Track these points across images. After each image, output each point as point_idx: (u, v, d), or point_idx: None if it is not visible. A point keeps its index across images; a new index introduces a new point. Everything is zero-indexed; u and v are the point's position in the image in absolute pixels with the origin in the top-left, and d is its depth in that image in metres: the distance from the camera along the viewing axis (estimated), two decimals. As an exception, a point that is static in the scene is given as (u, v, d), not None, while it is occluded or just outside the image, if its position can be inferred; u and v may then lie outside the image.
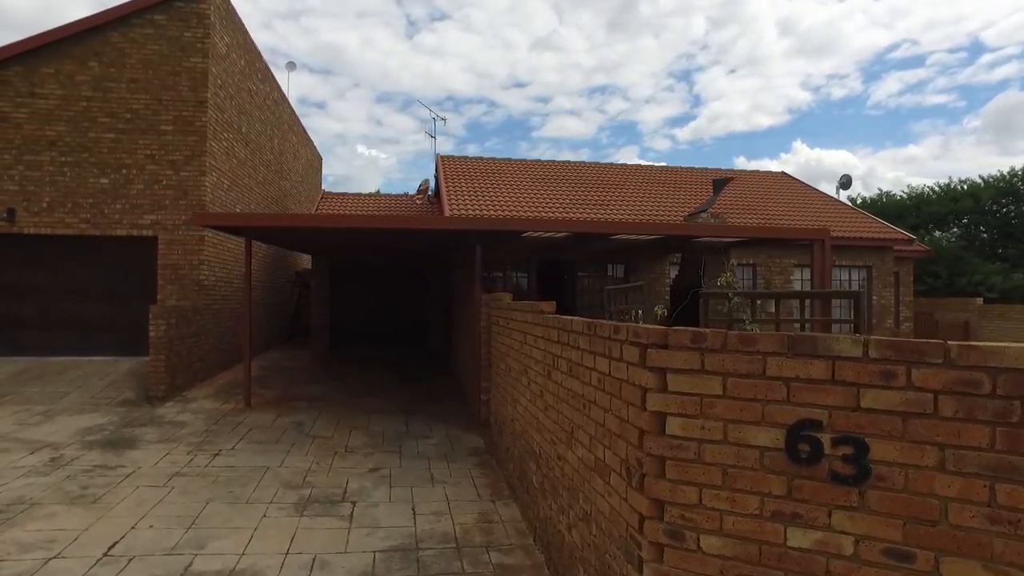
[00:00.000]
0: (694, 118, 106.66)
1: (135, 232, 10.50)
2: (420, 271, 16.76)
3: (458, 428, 8.10)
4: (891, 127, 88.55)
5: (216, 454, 6.51)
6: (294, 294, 18.15)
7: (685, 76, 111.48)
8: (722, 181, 10.12)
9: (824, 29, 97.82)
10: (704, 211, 9.77)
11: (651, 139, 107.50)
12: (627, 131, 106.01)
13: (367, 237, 8.16)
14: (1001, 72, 70.01)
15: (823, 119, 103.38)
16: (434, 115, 18.82)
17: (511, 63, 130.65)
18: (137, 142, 10.50)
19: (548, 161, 17.61)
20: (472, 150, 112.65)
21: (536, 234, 8.23)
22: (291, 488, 5.61)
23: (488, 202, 13.53)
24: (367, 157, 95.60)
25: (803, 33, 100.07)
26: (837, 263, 13.76)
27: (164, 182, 10.57)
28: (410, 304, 17.96)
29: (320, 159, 24.08)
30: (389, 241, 8.58)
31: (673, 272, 13.47)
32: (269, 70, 15.19)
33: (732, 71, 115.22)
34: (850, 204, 17.26)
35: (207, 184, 10.69)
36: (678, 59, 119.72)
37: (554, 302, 4.66)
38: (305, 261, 22.15)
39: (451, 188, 14.09)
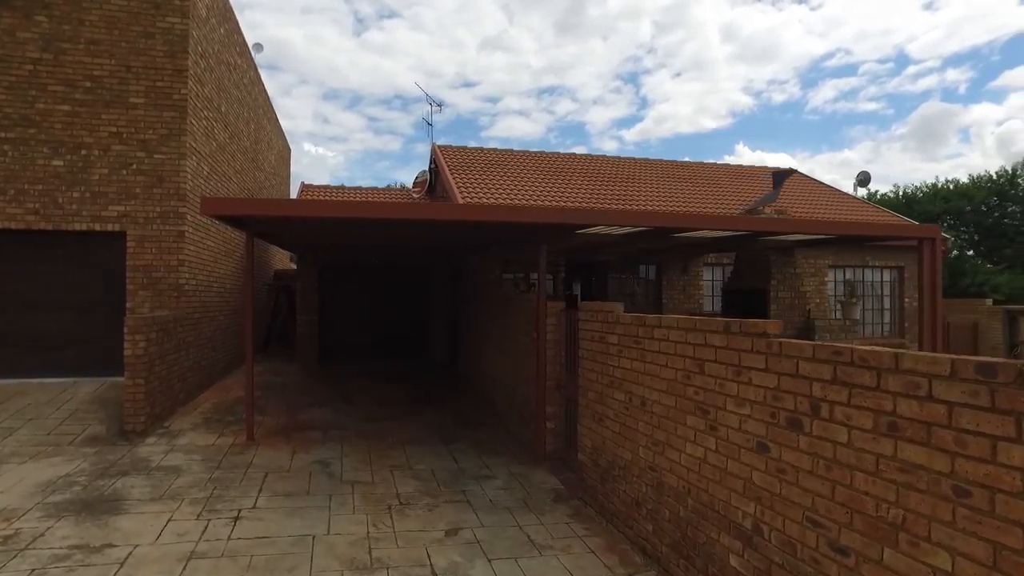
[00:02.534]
0: (641, 120, 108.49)
1: (98, 226, 8.61)
2: (420, 274, 15.17)
3: (518, 463, 6.68)
4: (827, 132, 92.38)
5: (236, 518, 4.90)
6: (271, 299, 16.24)
7: (632, 78, 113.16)
8: (782, 174, 9.11)
9: (764, 36, 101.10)
10: (764, 206, 8.70)
11: (599, 140, 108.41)
12: (575, 132, 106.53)
13: (409, 231, 6.67)
14: (924, 83, 73.91)
15: (764, 123, 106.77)
16: (430, 100, 17.25)
17: (460, 63, 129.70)
18: (100, 116, 8.62)
19: (552, 153, 16.30)
20: (421, 149, 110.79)
21: (607, 230, 6.91)
22: (359, 571, 4.09)
23: (503, 196, 12.12)
24: (314, 155, 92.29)
25: (745, 39, 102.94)
26: (870, 263, 12.96)
27: (134, 166, 8.72)
28: (406, 311, 16.34)
29: (289, 150, 22.10)
30: (428, 238, 7.11)
31: (708, 273, 12.37)
32: (246, 44, 13.34)
33: (678, 74, 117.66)
34: (872, 203, 16.65)
35: (187, 169, 8.90)
36: (625, 61, 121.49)
37: (779, 321, 3.33)
38: (280, 261, 20.15)
39: (459, 180, 12.60)
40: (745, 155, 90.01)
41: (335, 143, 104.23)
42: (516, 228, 6.85)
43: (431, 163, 15.59)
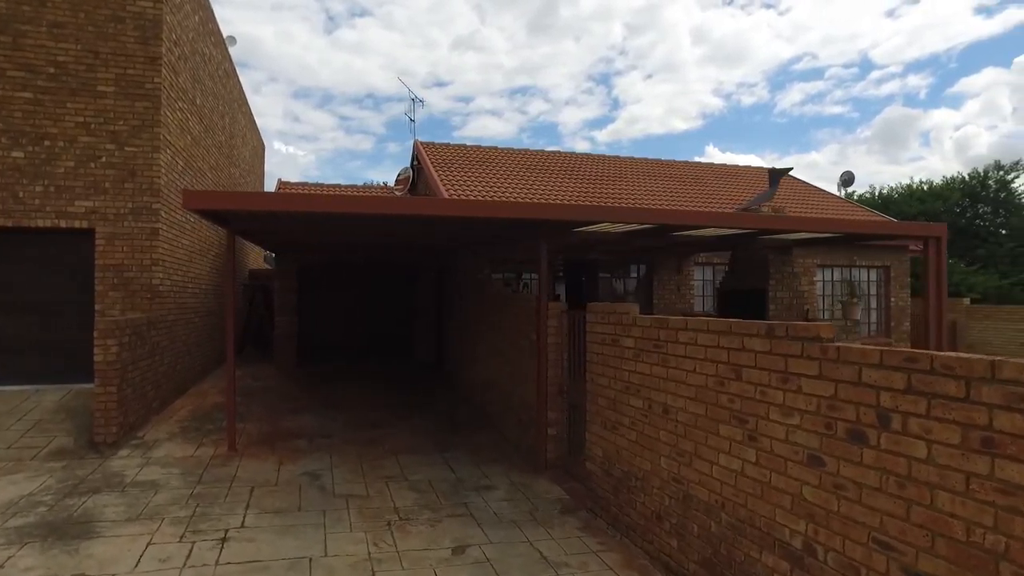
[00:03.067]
0: (613, 120, 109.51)
1: (64, 223, 8.04)
2: (403, 272, 14.77)
3: (518, 471, 6.38)
4: (795, 134, 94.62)
5: (224, 539, 4.49)
6: (247, 299, 15.64)
7: (604, 79, 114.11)
8: (779, 172, 8.96)
9: (734, 39, 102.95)
10: (760, 204, 8.55)
11: (571, 140, 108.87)
12: (547, 132, 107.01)
13: (401, 227, 6.32)
14: (887, 88, 76.26)
15: (734, 125, 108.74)
16: (412, 96, 16.83)
17: (432, 62, 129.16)
18: (65, 105, 8.06)
19: (537, 151, 16.03)
20: (393, 149, 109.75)
21: (611, 227, 6.65)
22: (363, 598, 3.74)
23: (490, 193, 11.79)
24: (284, 154, 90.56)
25: (715, 42, 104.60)
26: (858, 263, 12.97)
27: (104, 159, 8.17)
28: (390, 310, 15.96)
29: (264, 146, 21.43)
30: (427, 233, 6.76)
31: (698, 273, 12.22)
32: (221, 34, 12.77)
33: (649, 76, 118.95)
34: (859, 204, 16.72)
35: (161, 163, 8.38)
36: (597, 63, 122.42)
37: (831, 325, 3.08)
38: (254, 260, 19.51)
39: (444, 177, 12.23)
40: (715, 156, 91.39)
41: (305, 142, 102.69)
42: (517, 225, 6.56)
43: (413, 160, 15.17)
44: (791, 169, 9.16)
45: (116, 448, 6.60)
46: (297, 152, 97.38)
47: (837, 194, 16.04)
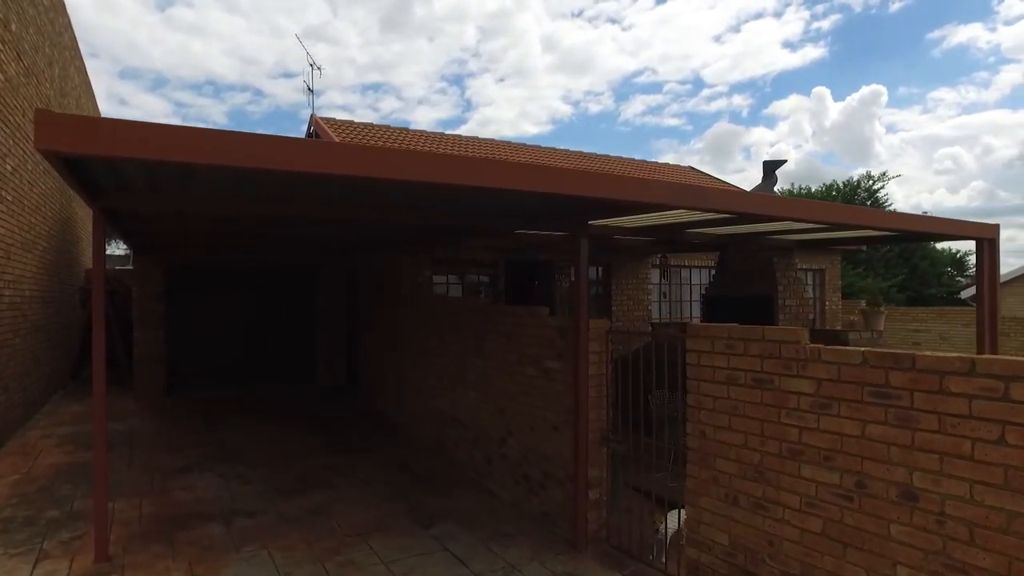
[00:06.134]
0: (465, 121, 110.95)
1: None
2: (302, 276, 12.15)
3: (548, 552, 4.62)
4: (638, 142, 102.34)
5: None
6: (84, 310, 12.04)
7: (457, 80, 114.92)
8: (775, 163, 8.08)
9: (582, 50, 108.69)
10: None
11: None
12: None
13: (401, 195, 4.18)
14: (716, 105, 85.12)
15: (582, 130, 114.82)
16: (311, 62, 14.13)
17: (280, 51, 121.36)
18: None
19: (454, 136, 14.13)
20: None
21: (670, 217, 5.14)
22: None
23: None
24: (112, 141, 78.63)
25: (564, 51, 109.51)
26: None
27: None
28: (285, 322, 13.25)
29: (100, 116, 17.28)
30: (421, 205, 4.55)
31: (655, 276, 11.12)
32: (50, -48, 9.46)
33: (502, 79, 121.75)
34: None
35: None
36: (451, 63, 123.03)
37: None
38: (88, 259, 15.49)
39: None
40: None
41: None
42: (552, 200, 4.55)
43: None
44: (785, 161, 8.42)
45: None
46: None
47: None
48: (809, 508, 3.11)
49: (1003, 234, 5.91)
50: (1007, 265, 27.01)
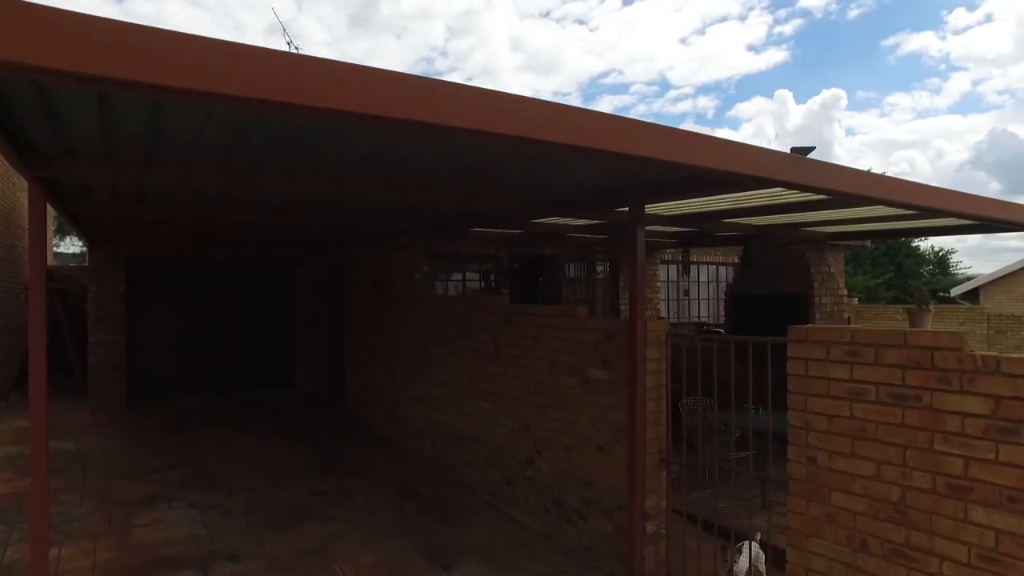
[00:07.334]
0: None
1: None
2: (276, 274, 11.16)
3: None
4: None
5: None
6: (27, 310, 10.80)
7: None
8: (803, 150, 7.51)
9: (550, 50, 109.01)
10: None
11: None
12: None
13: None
14: (682, 106, 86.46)
15: None
16: (288, 40, 13.14)
17: None
18: None
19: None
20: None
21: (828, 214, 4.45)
22: None
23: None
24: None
25: (532, 51, 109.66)
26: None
27: None
28: (259, 324, 12.26)
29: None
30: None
31: (663, 273, 10.48)
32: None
33: (470, 79, 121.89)
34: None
35: None
36: (419, 62, 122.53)
37: None
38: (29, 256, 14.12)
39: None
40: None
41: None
42: (642, 173, 3.54)
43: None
44: (814, 148, 7.86)
45: None
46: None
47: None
48: (984, 563, 2.42)
49: (970, 240, 5.34)
50: (963, 268, 27.21)
